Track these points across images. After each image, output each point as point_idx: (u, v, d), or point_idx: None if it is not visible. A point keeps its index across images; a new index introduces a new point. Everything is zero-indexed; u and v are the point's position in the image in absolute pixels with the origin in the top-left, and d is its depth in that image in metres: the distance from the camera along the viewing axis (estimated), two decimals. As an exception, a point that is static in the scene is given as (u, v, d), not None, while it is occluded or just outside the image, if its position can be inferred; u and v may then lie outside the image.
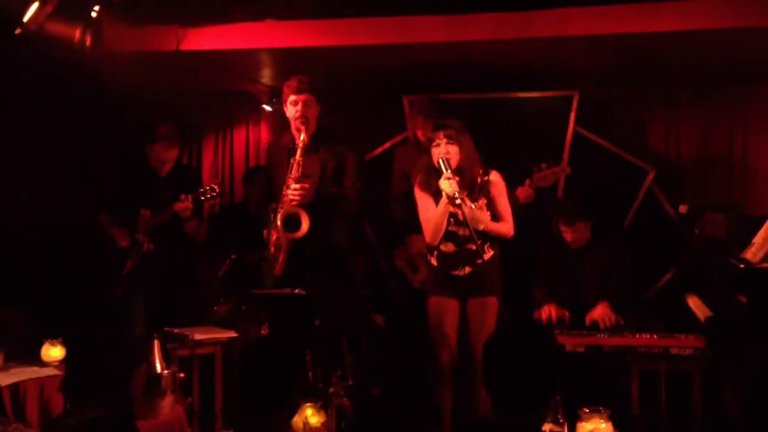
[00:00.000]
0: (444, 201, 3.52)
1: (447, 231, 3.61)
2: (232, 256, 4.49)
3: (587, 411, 2.64)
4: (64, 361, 3.44)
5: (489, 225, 3.59)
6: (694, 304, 4.08)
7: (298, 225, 3.58)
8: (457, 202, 3.43)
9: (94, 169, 4.74)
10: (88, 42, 3.86)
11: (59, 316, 3.90)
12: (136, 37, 4.25)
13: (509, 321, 4.07)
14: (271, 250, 3.69)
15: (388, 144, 4.98)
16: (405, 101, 4.84)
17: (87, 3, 3.71)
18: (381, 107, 4.99)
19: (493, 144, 4.01)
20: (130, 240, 4.15)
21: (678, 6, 3.87)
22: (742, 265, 3.65)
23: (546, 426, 2.59)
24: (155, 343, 3.07)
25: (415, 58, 4.44)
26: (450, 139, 3.56)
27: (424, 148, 3.82)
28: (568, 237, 4.21)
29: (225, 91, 5.33)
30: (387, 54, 4.36)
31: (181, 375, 3.12)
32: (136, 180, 4.29)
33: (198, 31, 4.28)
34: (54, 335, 3.47)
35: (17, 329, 3.83)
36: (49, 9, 3.59)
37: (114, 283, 4.17)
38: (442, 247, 3.64)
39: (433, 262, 3.68)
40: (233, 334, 3.86)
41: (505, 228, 3.66)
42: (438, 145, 3.57)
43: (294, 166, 3.63)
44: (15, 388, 3.17)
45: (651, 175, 4.77)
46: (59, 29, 3.67)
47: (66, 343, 3.45)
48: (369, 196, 3.99)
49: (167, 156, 4.25)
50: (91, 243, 4.33)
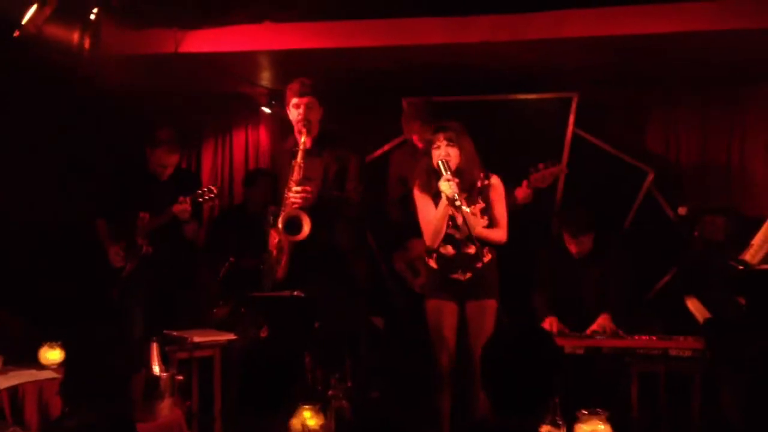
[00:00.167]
0: (444, 203, 3.51)
1: (446, 234, 3.60)
2: (230, 258, 4.49)
3: (586, 413, 2.64)
4: (62, 364, 3.43)
5: (481, 231, 3.58)
6: (693, 305, 4.08)
7: (299, 228, 3.57)
8: (457, 204, 3.42)
9: (93, 172, 4.73)
10: (86, 45, 3.85)
11: (58, 318, 3.89)
12: (134, 40, 4.26)
13: (507, 323, 4.07)
14: (273, 252, 3.68)
15: (387, 146, 4.97)
16: (404, 103, 4.82)
17: (85, 5, 3.71)
18: (379, 109, 4.98)
19: (492, 146, 4.00)
20: (124, 261, 4.15)
21: (675, 7, 3.88)
22: (740, 267, 3.66)
23: (544, 428, 2.59)
24: (154, 346, 3.07)
25: (414, 60, 4.44)
26: (450, 141, 3.56)
27: (419, 152, 3.82)
28: (572, 248, 4.20)
29: (224, 94, 5.33)
30: (385, 56, 4.36)
31: (180, 377, 3.12)
32: (135, 183, 4.29)
33: (196, 34, 4.29)
34: (53, 338, 3.46)
35: (16, 332, 3.82)
36: (48, 11, 3.58)
37: (112, 285, 4.15)
38: (441, 250, 3.63)
39: (433, 264, 3.67)
40: (232, 336, 3.85)
41: (498, 235, 3.65)
42: (438, 147, 3.57)
43: (295, 168, 3.63)
44: (14, 391, 3.17)
45: (650, 177, 4.77)
46: (58, 32, 3.65)
47: (65, 346, 3.45)
48: (368, 198, 3.99)
49: (168, 161, 4.24)
50: (90, 245, 4.31)
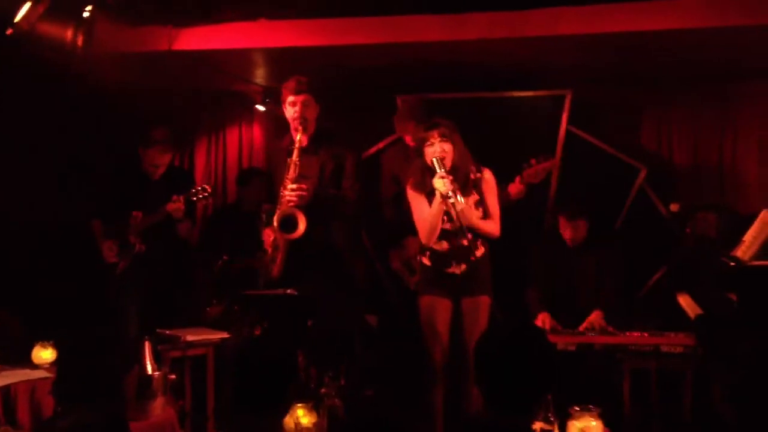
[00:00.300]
0: (438, 200, 3.54)
1: (442, 229, 3.62)
2: (224, 257, 4.48)
3: (578, 409, 2.65)
4: (55, 364, 3.42)
5: (476, 222, 3.61)
6: (685, 302, 4.08)
7: (294, 226, 3.57)
8: (451, 201, 3.45)
9: (86, 171, 4.72)
10: (80, 42, 3.85)
11: (51, 317, 3.89)
12: (128, 37, 4.25)
13: (500, 319, 4.09)
14: (269, 251, 3.67)
15: (380, 144, 4.97)
16: (398, 101, 4.83)
17: (79, 3, 3.70)
18: (373, 107, 4.97)
19: (487, 143, 4.02)
20: (117, 257, 4.15)
21: (669, 4, 3.89)
22: (732, 263, 3.67)
23: (536, 424, 2.60)
24: (146, 345, 3.05)
25: (409, 57, 4.44)
26: (444, 137, 3.59)
27: (411, 151, 3.82)
28: (567, 233, 4.21)
29: (218, 92, 5.32)
30: (380, 53, 4.36)
31: (173, 376, 3.11)
32: (129, 183, 4.29)
33: (190, 31, 4.27)
34: (46, 337, 3.45)
35: (14, 331, 3.81)
36: (41, 9, 3.58)
37: (107, 285, 4.15)
38: (435, 246, 3.65)
39: (426, 261, 3.69)
40: (225, 335, 3.84)
41: (492, 227, 3.68)
42: (432, 144, 3.59)
43: (291, 166, 3.62)
44: (6, 390, 3.16)
45: (643, 174, 4.78)
46: (51, 29, 3.66)
47: (57, 345, 3.44)
48: (363, 197, 3.98)
49: (161, 160, 4.25)
50: (85, 244, 4.31)
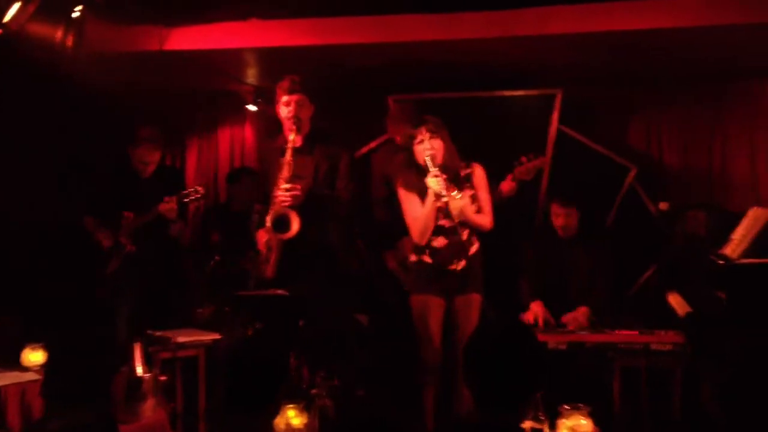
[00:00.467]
0: (432, 198, 3.55)
1: (438, 226, 3.64)
2: (216, 257, 4.46)
3: (568, 408, 2.66)
4: (44, 366, 3.40)
5: (472, 217, 3.65)
6: (674, 300, 4.10)
7: (288, 226, 3.55)
8: (445, 199, 3.47)
9: (78, 170, 4.71)
10: (70, 42, 3.82)
11: (44, 318, 3.87)
12: (119, 38, 4.24)
13: (493, 317, 4.10)
14: (262, 251, 3.66)
15: (373, 144, 4.98)
16: (390, 101, 4.85)
17: (69, 3, 3.68)
18: (365, 107, 4.98)
19: (478, 141, 4.04)
20: (113, 240, 4.13)
21: (661, 3, 3.92)
22: (721, 261, 3.69)
23: (527, 423, 2.62)
24: (136, 346, 3.05)
25: (401, 57, 4.45)
26: (433, 134, 3.61)
27: (402, 150, 3.84)
28: (560, 221, 4.22)
29: (209, 91, 5.31)
30: (372, 53, 4.37)
31: (163, 378, 3.10)
32: (120, 182, 4.28)
33: (181, 31, 4.27)
34: (37, 338, 3.43)
35: (13, 332, 3.80)
36: (31, 9, 3.56)
37: (99, 285, 4.14)
38: (433, 243, 3.66)
39: (427, 259, 3.69)
40: (216, 336, 3.82)
41: (486, 220, 3.71)
42: (422, 141, 3.61)
43: (285, 166, 3.59)
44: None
45: (632, 173, 4.81)
46: (41, 30, 3.64)
47: (48, 348, 3.41)
48: (357, 197, 3.97)
49: (150, 158, 4.24)
50: (76, 245, 4.30)
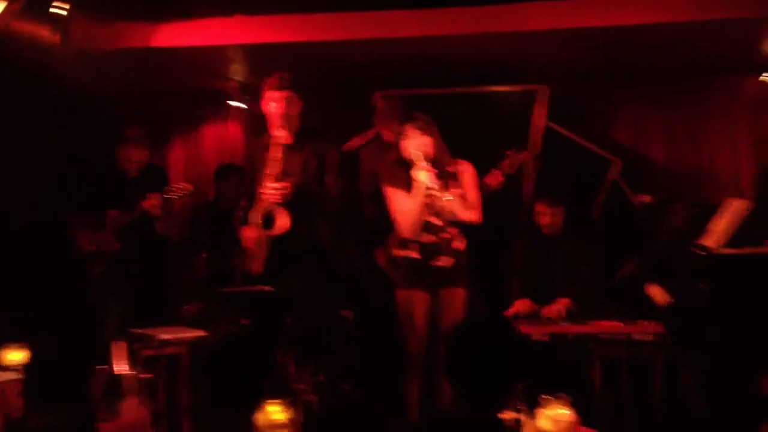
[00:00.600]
0: (420, 193, 3.57)
1: (426, 222, 3.65)
2: (203, 254, 4.46)
3: (548, 398, 2.69)
4: (26, 366, 3.29)
5: (462, 215, 3.68)
6: (654, 292, 4.14)
7: (275, 223, 3.55)
8: (434, 192, 3.50)
9: (63, 170, 4.68)
10: (56, 40, 3.83)
11: (29, 319, 3.85)
12: (105, 35, 4.26)
13: (482, 313, 4.13)
14: (252, 248, 3.65)
15: (360, 140, 4.99)
16: (375, 97, 4.84)
17: (55, 1, 3.69)
18: (350, 103, 5.00)
19: (464, 137, 4.07)
20: (95, 244, 4.13)
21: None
22: (702, 253, 3.73)
23: (507, 414, 2.64)
24: (119, 344, 3.03)
25: (386, 53, 4.46)
26: (423, 131, 3.63)
27: (389, 146, 3.86)
28: (546, 220, 4.24)
29: (194, 88, 5.30)
30: (357, 49, 4.38)
31: (147, 376, 3.08)
32: (106, 181, 4.28)
33: (167, 28, 4.28)
34: (20, 338, 3.35)
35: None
36: (17, 7, 3.57)
37: (86, 285, 4.14)
38: (422, 239, 3.68)
39: (414, 254, 3.70)
40: (201, 333, 3.79)
41: (475, 215, 3.74)
42: (410, 138, 3.63)
43: (274, 163, 3.58)
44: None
45: (617, 167, 4.84)
46: (27, 27, 3.66)
47: (32, 348, 3.32)
48: (346, 193, 3.94)
49: (136, 157, 4.25)
50: (63, 244, 4.27)
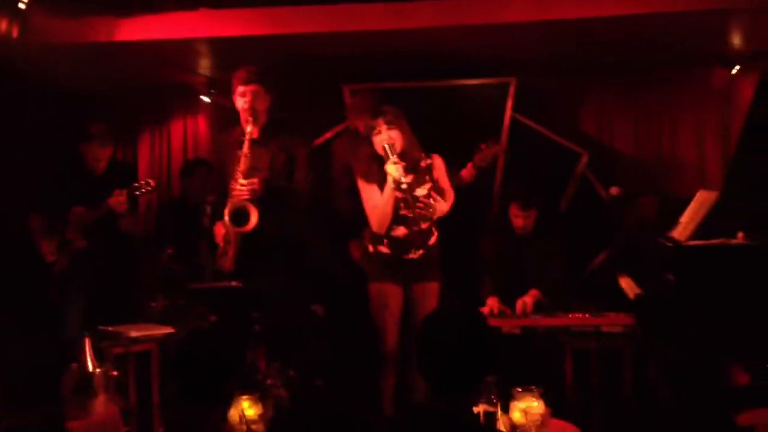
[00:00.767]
0: (390, 186, 3.57)
1: (399, 215, 3.66)
2: (168, 251, 4.41)
3: (520, 390, 2.69)
4: None
5: (441, 211, 3.72)
6: (625, 283, 4.17)
7: (246, 219, 3.53)
8: (403, 186, 3.51)
9: (26, 167, 4.57)
10: (14, 34, 3.79)
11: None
12: (66, 28, 4.17)
13: (457, 307, 4.13)
14: (221, 244, 3.63)
15: (330, 133, 4.96)
16: (345, 91, 4.83)
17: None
18: (320, 96, 4.96)
19: (435, 130, 4.08)
20: (57, 251, 4.07)
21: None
22: (670, 244, 3.78)
23: (479, 407, 2.64)
24: (86, 342, 2.99)
25: (354, 46, 4.43)
26: (391, 125, 3.63)
27: (363, 139, 3.85)
28: (519, 222, 4.26)
29: (161, 83, 5.21)
30: (325, 42, 4.34)
31: (115, 373, 3.06)
32: (70, 179, 4.21)
33: (131, 21, 4.20)
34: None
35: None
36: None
37: (47, 282, 4.08)
38: (393, 233, 3.68)
39: (384, 249, 3.70)
40: (170, 330, 3.78)
41: (446, 206, 3.78)
42: (380, 132, 3.63)
43: (242, 159, 3.55)
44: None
45: (584, 159, 4.87)
46: (-16, 20, 3.57)
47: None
48: (317, 188, 3.97)
49: (101, 154, 4.19)
50: (23, 241, 4.19)
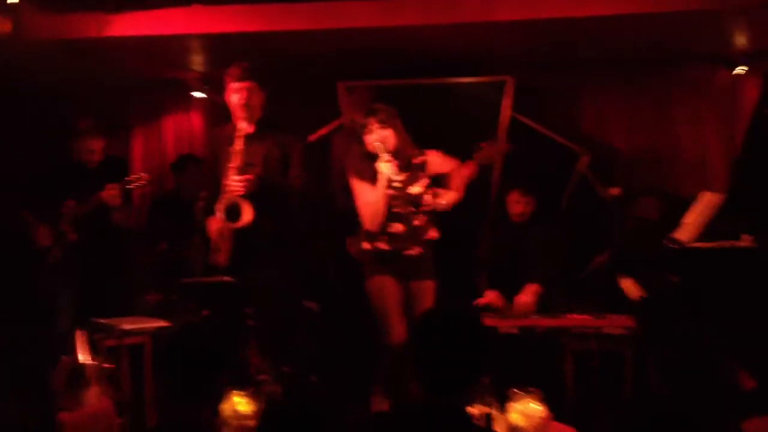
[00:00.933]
0: (382, 184, 3.57)
1: (394, 213, 3.65)
2: (162, 245, 4.42)
3: (518, 391, 2.63)
4: None
5: (445, 205, 3.71)
6: (626, 285, 4.13)
7: (240, 215, 3.54)
8: (395, 184, 3.51)
9: (19, 162, 4.56)
10: (5, 29, 3.77)
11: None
12: (57, 24, 4.14)
13: (452, 303, 4.08)
14: (214, 239, 3.62)
15: (325, 130, 4.93)
16: (340, 87, 4.81)
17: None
18: (314, 93, 4.94)
19: (432, 129, 4.08)
20: (52, 238, 4.08)
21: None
22: (674, 246, 3.74)
23: (475, 408, 2.58)
24: (79, 334, 3.03)
25: (350, 43, 4.40)
26: (383, 124, 3.63)
27: (356, 137, 3.84)
28: (519, 208, 4.27)
29: (153, 79, 5.18)
30: (318, 39, 4.31)
31: (109, 366, 3.08)
32: (63, 174, 4.22)
33: (122, 17, 4.16)
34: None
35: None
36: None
37: (39, 275, 4.08)
38: (391, 230, 3.67)
39: (383, 246, 3.68)
40: (163, 323, 3.80)
41: (454, 196, 3.77)
42: (371, 131, 3.63)
43: (236, 155, 3.56)
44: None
45: (584, 158, 4.82)
46: (-25, 17, 3.56)
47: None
48: (312, 185, 3.95)
49: (92, 145, 4.20)
50: (17, 236, 4.20)
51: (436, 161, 3.79)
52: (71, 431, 2.80)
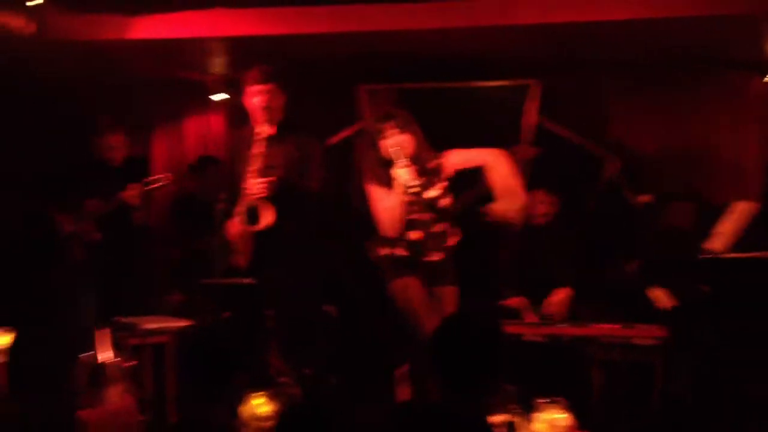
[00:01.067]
0: (399, 191, 3.52)
1: (412, 219, 3.59)
2: (183, 245, 4.45)
3: (544, 401, 2.56)
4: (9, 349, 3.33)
5: (514, 213, 3.60)
6: (656, 295, 4.05)
7: (259, 218, 3.54)
8: (412, 190, 3.46)
9: (43, 161, 4.63)
10: (31, 31, 3.81)
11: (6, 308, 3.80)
12: (81, 26, 4.20)
13: (474, 310, 4.03)
14: (234, 241, 3.63)
15: (345, 133, 4.93)
16: (362, 91, 4.81)
17: (30, -9, 3.65)
18: (334, 96, 4.94)
19: (453, 133, 4.02)
20: (75, 225, 4.14)
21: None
22: (708, 255, 3.70)
23: (500, 416, 2.51)
24: (103, 332, 3.04)
25: (371, 47, 4.41)
26: (401, 128, 3.58)
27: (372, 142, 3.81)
28: (543, 208, 4.28)
29: (175, 81, 5.20)
30: (342, 43, 4.33)
31: (131, 363, 3.10)
32: (86, 172, 4.29)
33: (145, 20, 4.20)
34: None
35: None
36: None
37: (62, 274, 4.14)
38: (411, 236, 3.60)
39: (402, 252, 3.62)
40: (185, 323, 3.81)
41: (517, 200, 3.59)
42: (387, 136, 3.57)
43: (257, 157, 3.55)
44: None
45: (613, 164, 4.77)
46: (1, 18, 3.64)
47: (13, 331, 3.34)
48: (332, 187, 3.97)
49: (114, 141, 4.28)
50: (43, 234, 4.27)
51: (456, 159, 3.67)
52: (93, 429, 2.82)
